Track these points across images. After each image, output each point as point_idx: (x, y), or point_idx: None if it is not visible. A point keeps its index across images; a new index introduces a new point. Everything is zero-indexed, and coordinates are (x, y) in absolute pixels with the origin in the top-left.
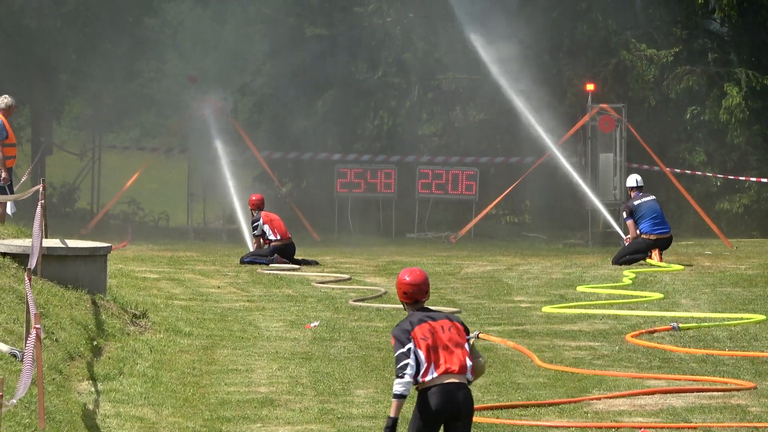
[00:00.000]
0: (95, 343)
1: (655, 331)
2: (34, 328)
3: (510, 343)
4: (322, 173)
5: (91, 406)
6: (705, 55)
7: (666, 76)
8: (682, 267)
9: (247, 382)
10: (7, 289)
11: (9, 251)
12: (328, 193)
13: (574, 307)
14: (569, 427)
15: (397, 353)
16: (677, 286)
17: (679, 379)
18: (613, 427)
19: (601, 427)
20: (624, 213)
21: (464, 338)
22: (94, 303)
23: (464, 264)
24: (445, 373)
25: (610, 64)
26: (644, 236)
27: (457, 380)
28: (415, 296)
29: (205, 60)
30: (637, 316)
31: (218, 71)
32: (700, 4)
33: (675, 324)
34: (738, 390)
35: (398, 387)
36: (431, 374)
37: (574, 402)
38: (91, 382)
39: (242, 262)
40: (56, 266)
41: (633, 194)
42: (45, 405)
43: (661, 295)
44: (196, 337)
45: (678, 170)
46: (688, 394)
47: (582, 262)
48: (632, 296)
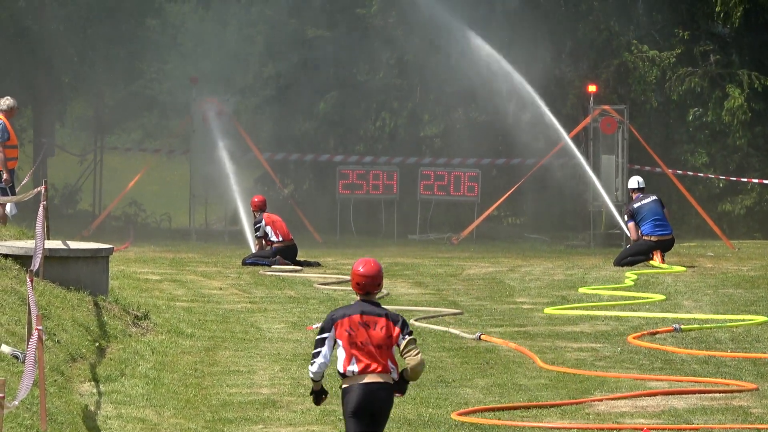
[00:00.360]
0: (97, 344)
1: (657, 333)
2: (36, 329)
3: (512, 345)
4: (324, 174)
5: (92, 408)
6: (707, 57)
7: (668, 78)
8: (684, 268)
9: (249, 384)
10: (9, 291)
11: (11, 253)
12: (330, 195)
13: (576, 308)
14: (571, 429)
15: (316, 338)
16: (679, 288)
17: (681, 381)
18: (615, 429)
19: (602, 429)
20: (625, 216)
21: (394, 340)
22: (96, 304)
23: (466, 265)
24: (366, 372)
25: (612, 66)
26: (645, 238)
27: (381, 380)
28: (367, 288)
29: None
30: (639, 317)
31: (220, 72)
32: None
33: (677, 325)
34: (740, 391)
35: (310, 373)
36: (352, 369)
37: (576, 403)
38: (92, 383)
39: (244, 263)
40: (58, 268)
41: (634, 196)
42: (47, 406)
43: (663, 297)
44: (197, 338)
45: (680, 172)
46: (689, 396)
47: (584, 264)
48: (634, 298)
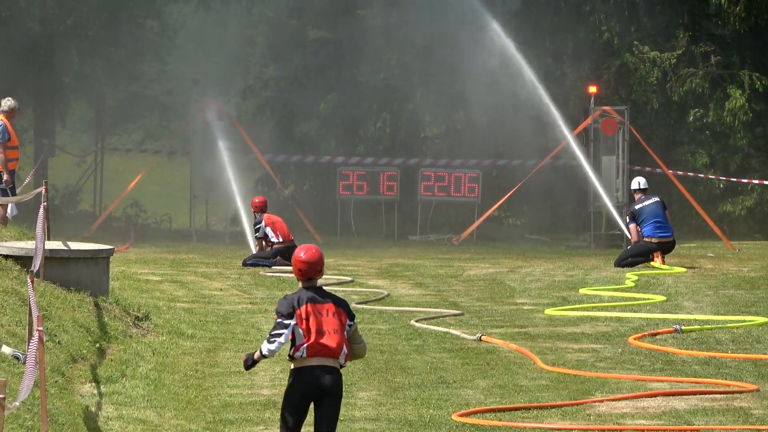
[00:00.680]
0: (98, 345)
1: (658, 334)
2: (37, 330)
3: (512, 346)
4: (325, 176)
5: (93, 409)
6: (708, 58)
7: (669, 79)
8: (685, 269)
9: (250, 385)
10: (10, 292)
11: (11, 253)
12: (330, 196)
13: (577, 309)
14: (572, 430)
15: (277, 321)
16: (680, 289)
17: (682, 382)
18: (616, 430)
19: (603, 430)
20: (627, 217)
21: (344, 324)
22: (97, 305)
23: (466, 266)
24: (317, 356)
25: (613, 67)
26: (646, 239)
27: (329, 364)
28: (308, 274)
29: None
30: (640, 318)
31: (221, 73)
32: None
33: (677, 326)
34: (740, 392)
35: (265, 349)
36: (302, 353)
37: (577, 404)
38: (93, 384)
39: (245, 264)
40: (59, 268)
41: (637, 197)
42: (47, 407)
43: (664, 298)
44: (198, 339)
45: (681, 172)
46: (690, 397)
47: (584, 265)
48: (635, 298)
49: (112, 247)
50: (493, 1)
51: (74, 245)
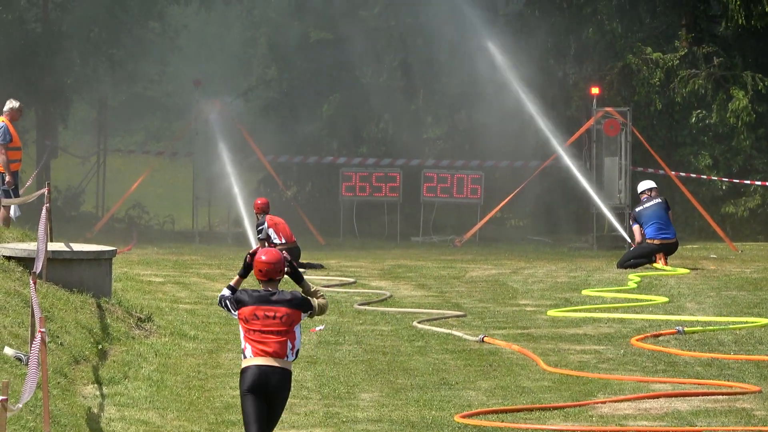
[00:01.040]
0: (100, 346)
1: (660, 335)
2: (39, 331)
3: (515, 347)
4: (327, 177)
5: (95, 410)
6: (710, 59)
7: (672, 80)
8: (688, 270)
9: None
10: (12, 293)
11: (14, 255)
12: (332, 197)
13: (579, 310)
14: (574, 431)
15: (229, 297)
16: (682, 290)
17: (684, 383)
18: (618, 431)
19: (606, 431)
20: (630, 219)
21: (293, 325)
22: (99, 307)
23: (469, 267)
24: (261, 356)
25: (616, 68)
26: (648, 241)
27: (275, 364)
28: (270, 274)
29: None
30: (642, 319)
31: (223, 75)
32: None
33: (680, 328)
34: (743, 394)
35: (220, 294)
36: (247, 354)
37: (579, 406)
38: (96, 385)
39: None
40: (61, 270)
41: (642, 198)
42: (50, 409)
43: (667, 299)
44: (201, 340)
45: (683, 174)
46: (693, 398)
47: (587, 266)
48: (637, 300)
49: (114, 248)
50: (496, 3)
51: (77, 246)
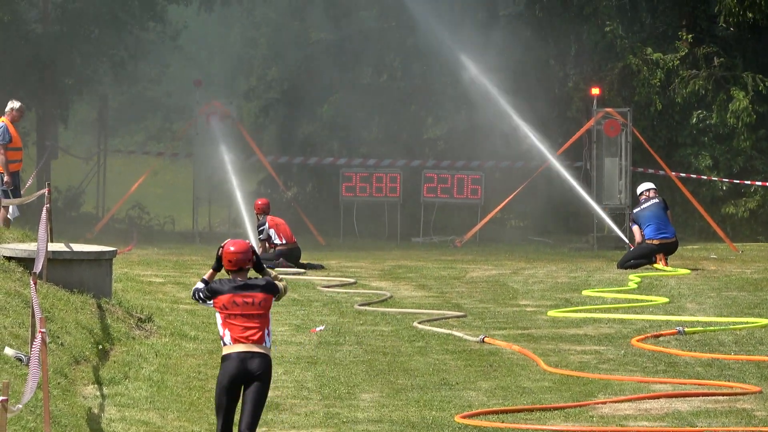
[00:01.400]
0: (100, 347)
1: (661, 335)
2: (40, 332)
3: (515, 347)
4: (328, 177)
5: (96, 411)
6: (710, 60)
7: (672, 80)
8: (688, 271)
9: None
10: (13, 294)
11: (14, 255)
12: (333, 198)
13: (580, 311)
14: None
15: (202, 289)
16: (683, 290)
17: (685, 384)
18: (619, 431)
19: (606, 431)
20: (630, 220)
21: (269, 309)
22: (100, 307)
23: (469, 268)
24: (240, 342)
25: (616, 69)
26: (648, 241)
27: (255, 349)
28: (239, 263)
29: (211, 64)
30: (643, 320)
31: (224, 75)
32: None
33: (680, 328)
34: (743, 394)
35: (194, 288)
36: (227, 341)
37: (580, 406)
38: (96, 386)
39: None
40: (61, 270)
41: (641, 199)
42: (50, 409)
43: (667, 299)
44: (201, 341)
45: (684, 174)
46: (693, 399)
47: (587, 266)
48: (637, 300)
49: (114, 248)
50: (496, 4)
51: (77, 247)
